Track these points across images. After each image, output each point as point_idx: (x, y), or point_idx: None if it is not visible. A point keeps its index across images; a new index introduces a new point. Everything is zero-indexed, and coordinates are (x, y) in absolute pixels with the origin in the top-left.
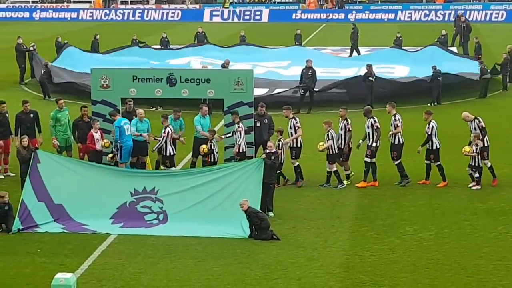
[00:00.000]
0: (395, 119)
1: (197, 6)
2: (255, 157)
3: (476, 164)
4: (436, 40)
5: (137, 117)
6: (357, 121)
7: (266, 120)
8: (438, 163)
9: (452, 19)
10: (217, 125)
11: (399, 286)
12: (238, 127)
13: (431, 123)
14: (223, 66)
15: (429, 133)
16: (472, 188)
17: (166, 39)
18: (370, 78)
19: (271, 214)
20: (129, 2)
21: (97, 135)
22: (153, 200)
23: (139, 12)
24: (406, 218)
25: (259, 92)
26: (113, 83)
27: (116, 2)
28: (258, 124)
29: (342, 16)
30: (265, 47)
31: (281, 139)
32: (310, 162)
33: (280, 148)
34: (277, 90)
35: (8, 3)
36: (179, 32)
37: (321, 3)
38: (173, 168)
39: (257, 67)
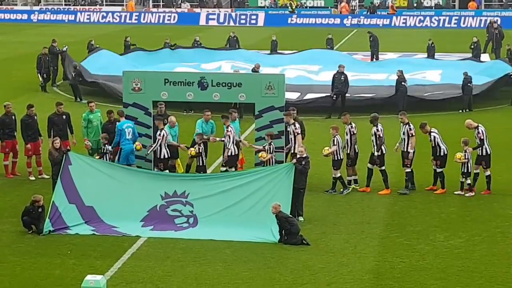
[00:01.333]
0: (410, 128)
1: (229, 10)
2: (285, 162)
3: (467, 171)
4: (469, 47)
5: (168, 123)
6: (390, 127)
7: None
8: (441, 170)
9: (484, 25)
10: (247, 129)
11: None
12: (227, 131)
13: (431, 134)
14: (254, 70)
15: (481, 138)
16: (466, 195)
17: (199, 43)
18: (402, 83)
19: (301, 219)
20: (161, 5)
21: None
22: (184, 203)
23: (136, 16)
24: (437, 224)
25: (290, 96)
26: (144, 86)
27: (149, 5)
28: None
29: (373, 21)
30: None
31: (272, 143)
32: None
33: (270, 152)
34: (309, 95)
35: (41, 5)
36: (211, 35)
37: (353, 8)
38: (166, 171)
39: (287, 71)
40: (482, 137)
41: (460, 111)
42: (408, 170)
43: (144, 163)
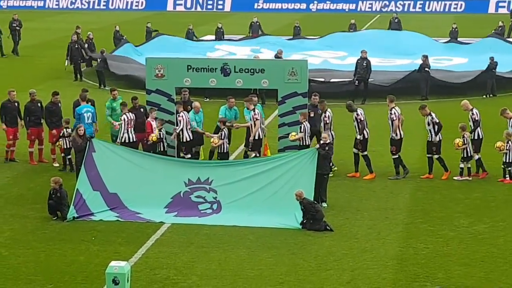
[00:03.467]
0: (391, 113)
1: None
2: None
3: (467, 155)
4: (493, 31)
5: (193, 109)
6: (411, 113)
7: (320, 110)
8: (438, 156)
9: (507, 11)
10: (270, 115)
11: (453, 279)
12: (179, 116)
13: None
14: (277, 56)
15: (476, 119)
16: (469, 178)
17: (221, 30)
18: (426, 69)
19: (324, 205)
20: None
21: (154, 123)
22: (207, 190)
23: (104, 1)
24: (461, 210)
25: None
26: (167, 72)
27: None
28: (312, 115)
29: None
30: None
31: (304, 123)
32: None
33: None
34: (332, 80)
35: None
36: (232, 22)
37: None
38: (189, 155)
39: (312, 57)
40: (477, 118)
41: (484, 96)
42: (395, 157)
43: (168, 150)
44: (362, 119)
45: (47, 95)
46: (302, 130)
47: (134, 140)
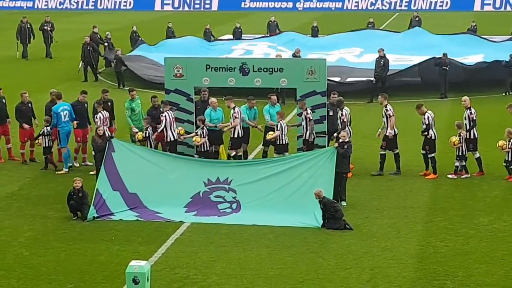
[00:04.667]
0: (386, 110)
1: None
2: (327, 146)
3: (462, 154)
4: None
5: (210, 106)
6: (433, 109)
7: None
8: (433, 155)
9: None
10: (289, 114)
11: (474, 277)
12: (162, 115)
13: (426, 114)
14: (294, 55)
15: (427, 123)
16: (462, 177)
17: (240, 29)
18: (444, 67)
19: (344, 203)
20: None
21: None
22: (227, 190)
23: (92, 1)
24: (481, 208)
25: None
26: (186, 72)
27: None
28: (331, 113)
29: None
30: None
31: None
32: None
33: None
34: (349, 79)
35: None
36: (250, 21)
37: None
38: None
39: (329, 56)
40: (474, 118)
41: (503, 94)
42: (382, 152)
43: (187, 149)
44: (346, 119)
45: (65, 95)
46: (278, 128)
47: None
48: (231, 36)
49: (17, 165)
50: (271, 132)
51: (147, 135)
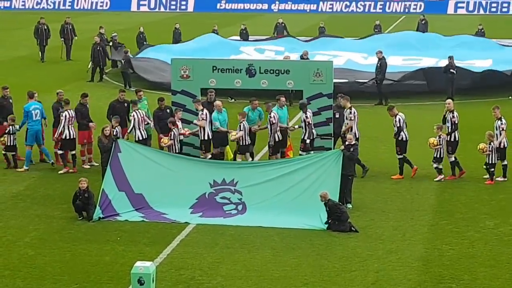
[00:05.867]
0: (350, 112)
1: None
2: (333, 149)
3: (439, 156)
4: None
5: (215, 109)
6: (436, 114)
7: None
8: (402, 156)
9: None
10: (295, 116)
11: (479, 281)
12: (131, 115)
13: (397, 116)
14: (302, 57)
15: (398, 125)
16: (435, 180)
17: (245, 31)
18: (451, 70)
19: (349, 206)
20: None
21: (180, 124)
22: (232, 191)
23: (69, 2)
24: (486, 212)
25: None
26: (193, 73)
27: None
28: (337, 116)
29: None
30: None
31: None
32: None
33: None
34: (355, 80)
35: None
36: (257, 23)
37: None
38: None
39: (336, 57)
40: (456, 122)
41: (510, 97)
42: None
43: (192, 150)
44: (310, 122)
45: (72, 95)
46: (241, 129)
47: (73, 137)
48: (238, 37)
49: (23, 165)
50: (234, 132)
51: (115, 133)
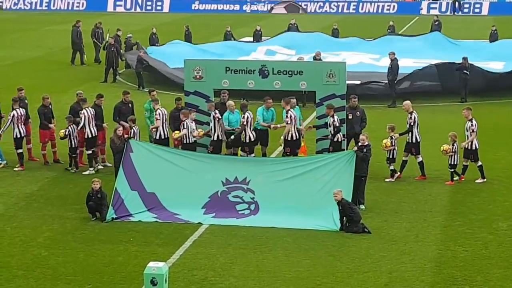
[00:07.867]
0: (286, 116)
1: None
2: (347, 150)
3: (392, 157)
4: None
5: (227, 107)
6: (451, 114)
7: (358, 112)
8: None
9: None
10: (309, 116)
11: (492, 282)
12: (80, 113)
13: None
14: (315, 58)
15: (411, 124)
16: (386, 180)
17: (260, 32)
18: (465, 71)
19: (362, 207)
20: None
21: (193, 125)
22: (245, 190)
23: (46, 2)
24: (500, 213)
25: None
26: (206, 74)
27: None
28: (350, 117)
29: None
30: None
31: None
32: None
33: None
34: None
35: None
36: (270, 24)
37: None
38: (253, 154)
39: (349, 58)
40: (412, 123)
41: None
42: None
43: (205, 151)
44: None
45: (85, 96)
46: (185, 127)
47: (23, 135)
48: (251, 39)
49: (37, 166)
50: (176, 132)
51: (66, 133)
